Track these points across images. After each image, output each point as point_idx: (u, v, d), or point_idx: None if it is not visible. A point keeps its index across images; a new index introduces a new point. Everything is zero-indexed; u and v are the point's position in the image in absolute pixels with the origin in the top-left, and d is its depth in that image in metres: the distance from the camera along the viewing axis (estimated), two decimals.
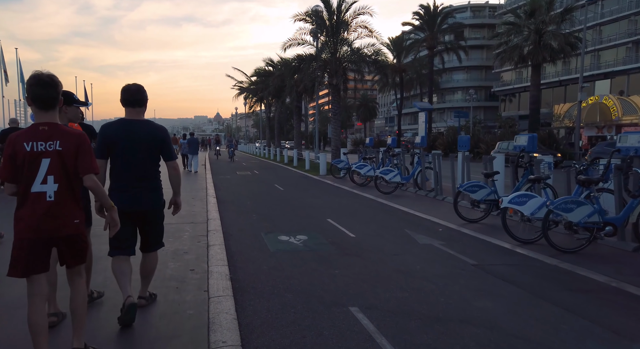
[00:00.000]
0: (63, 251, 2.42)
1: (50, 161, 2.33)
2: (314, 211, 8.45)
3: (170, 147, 3.24)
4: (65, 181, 2.37)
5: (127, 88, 3.13)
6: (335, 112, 19.12)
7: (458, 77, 67.48)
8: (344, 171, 15.40)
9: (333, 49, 18.25)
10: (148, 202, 3.17)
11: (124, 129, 3.08)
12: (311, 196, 10.77)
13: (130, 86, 3.13)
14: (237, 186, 13.09)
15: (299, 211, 8.54)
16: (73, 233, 2.40)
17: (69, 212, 2.38)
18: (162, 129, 3.23)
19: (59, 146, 2.36)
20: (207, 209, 8.42)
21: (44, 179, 2.32)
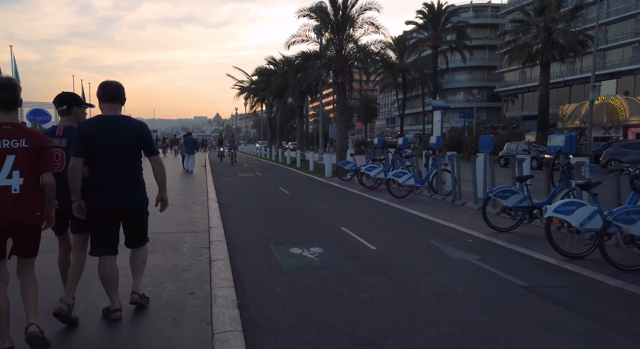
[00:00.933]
0: (19, 241, 2.59)
1: (15, 157, 2.52)
2: (325, 218, 7.75)
3: (152, 142, 3.18)
4: (31, 175, 2.58)
5: (107, 83, 3.08)
6: (340, 111, 18.43)
7: (460, 77, 66.88)
8: (350, 173, 14.70)
9: (338, 46, 17.55)
10: (131, 201, 3.09)
11: (103, 126, 2.98)
12: (319, 200, 10.07)
13: (110, 82, 3.09)
14: (240, 189, 12.39)
15: (309, 217, 7.84)
16: (33, 225, 2.62)
17: (32, 204, 2.58)
18: (141, 124, 3.16)
19: (25, 143, 2.55)
20: (209, 215, 7.72)
21: (9, 174, 2.51)
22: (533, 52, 24.84)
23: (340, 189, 12.33)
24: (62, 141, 3.15)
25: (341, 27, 17.37)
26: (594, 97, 22.07)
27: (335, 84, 18.42)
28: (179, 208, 8.43)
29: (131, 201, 3.08)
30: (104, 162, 2.99)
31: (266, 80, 30.39)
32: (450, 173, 10.02)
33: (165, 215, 7.88)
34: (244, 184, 14.00)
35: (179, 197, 9.85)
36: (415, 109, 73.23)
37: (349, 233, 6.39)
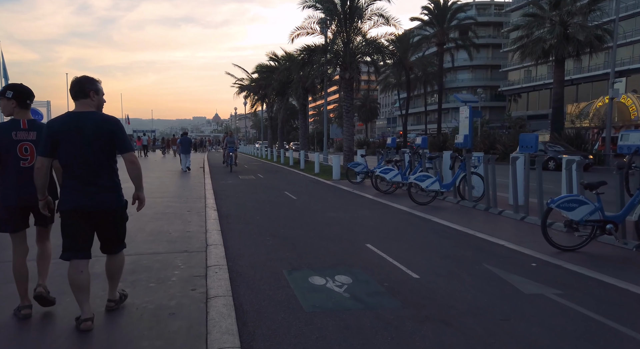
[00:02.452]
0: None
1: None
2: (343, 231, 6.56)
3: (124, 138, 2.94)
4: None
5: (72, 80, 2.93)
6: (347, 109, 17.24)
7: (463, 76, 65.81)
8: (361, 176, 13.54)
9: (346, 39, 16.37)
10: (101, 201, 2.92)
11: (70, 123, 2.84)
12: (333, 208, 8.88)
13: (75, 78, 2.93)
14: (242, 194, 11.19)
15: (325, 230, 6.64)
16: None
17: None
18: (112, 119, 2.94)
19: None
20: (207, 227, 6.53)
21: None
22: (547, 47, 23.69)
23: (353, 194, 11.13)
24: (29, 134, 3.10)
25: (349, 19, 16.18)
26: (614, 95, 20.94)
27: (342, 80, 17.25)
28: (171, 218, 7.23)
29: (101, 201, 2.90)
30: (72, 161, 2.84)
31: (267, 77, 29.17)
32: (480, 177, 8.84)
33: (154, 228, 6.72)
34: (246, 188, 12.80)
35: (173, 205, 8.66)
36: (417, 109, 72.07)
37: (378, 253, 5.20)
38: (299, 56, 17.08)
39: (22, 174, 3.05)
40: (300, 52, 17.11)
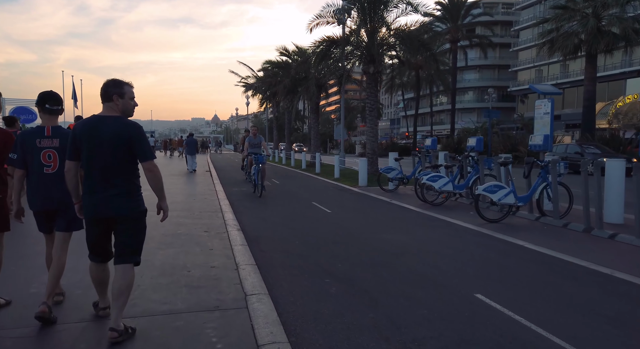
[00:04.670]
0: None
1: None
2: (424, 267, 4.84)
3: (143, 145, 2.81)
4: None
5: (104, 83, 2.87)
6: (372, 108, 15.53)
7: (469, 76, 64.22)
8: (395, 182, 11.84)
9: (371, 29, 14.66)
10: (116, 207, 2.79)
11: (90, 127, 2.79)
12: (383, 226, 7.16)
13: (106, 81, 2.88)
14: (263, 206, 9.46)
15: (398, 265, 4.91)
16: None
17: None
18: (132, 125, 2.83)
19: None
20: (236, 260, 4.81)
21: None
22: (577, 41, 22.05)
23: (395, 206, 9.41)
24: (52, 141, 3.20)
25: (375, 6, 14.47)
26: None
27: (365, 74, 15.55)
28: (187, 244, 5.51)
29: (116, 207, 2.80)
30: (90, 165, 2.80)
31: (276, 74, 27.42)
32: (565, 187, 7.15)
33: (166, 261, 4.66)
34: (266, 197, 11.07)
35: (185, 222, 6.94)
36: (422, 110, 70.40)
37: (508, 315, 3.49)
38: (317, 48, 15.39)
39: (46, 180, 3.19)
40: (319, 43, 15.41)
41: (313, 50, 15.76)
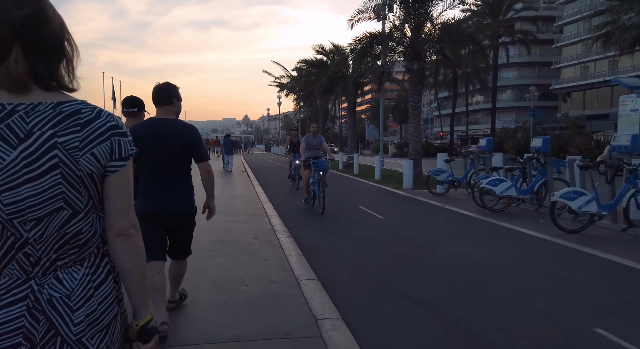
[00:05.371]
0: None
1: None
2: (514, 289, 4.17)
3: (200, 147, 2.93)
4: None
5: (155, 87, 2.94)
6: (415, 106, 14.78)
7: (507, 74, 61.69)
8: (444, 185, 11.09)
9: (416, 23, 13.92)
10: (175, 206, 2.88)
11: (151, 129, 2.83)
12: (446, 235, 6.49)
13: (157, 85, 2.94)
14: (309, 210, 8.96)
15: (479, 284, 4.27)
16: None
17: None
18: (191, 128, 2.95)
19: None
20: (295, 273, 4.31)
21: None
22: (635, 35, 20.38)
23: (452, 212, 8.69)
24: None
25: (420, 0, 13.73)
26: None
27: (408, 71, 14.82)
28: (238, 252, 5.08)
29: (174, 206, 2.87)
30: (149, 165, 2.84)
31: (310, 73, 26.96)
32: None
33: (220, 274, 4.19)
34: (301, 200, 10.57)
35: (232, 226, 6.54)
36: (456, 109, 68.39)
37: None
38: (358, 44, 14.80)
39: None
40: (359, 39, 14.81)
41: (353, 47, 15.19)
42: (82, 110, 0.98)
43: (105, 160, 0.99)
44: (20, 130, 0.92)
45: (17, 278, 0.95)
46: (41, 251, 0.96)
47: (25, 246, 0.95)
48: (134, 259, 1.07)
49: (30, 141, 0.92)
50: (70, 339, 0.97)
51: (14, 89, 0.93)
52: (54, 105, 0.96)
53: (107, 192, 1.03)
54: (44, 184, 0.93)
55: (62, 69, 0.99)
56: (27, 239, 0.94)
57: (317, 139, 9.12)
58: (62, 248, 0.98)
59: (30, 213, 0.93)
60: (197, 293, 3.71)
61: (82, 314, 0.98)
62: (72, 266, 1.00)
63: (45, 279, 0.97)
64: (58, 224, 0.96)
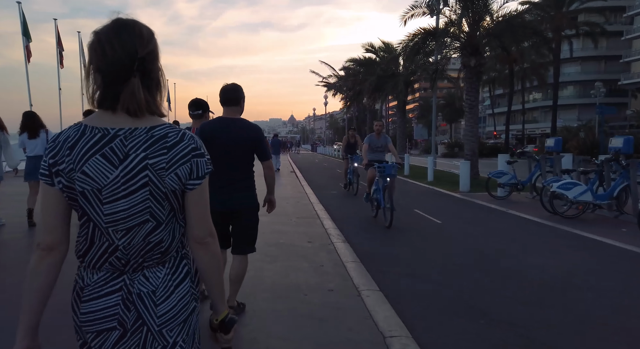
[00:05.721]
0: None
1: None
2: (607, 311, 3.65)
3: (264, 146, 3.09)
4: None
5: (222, 88, 3.05)
6: (472, 104, 14.02)
7: (569, 69, 57.64)
8: (506, 188, 10.34)
9: (475, 17, 13.17)
10: (239, 202, 3.01)
11: (222, 127, 2.97)
12: (516, 244, 5.95)
13: (225, 86, 3.06)
14: (362, 213, 8.66)
15: (563, 302, 3.78)
16: None
17: None
18: (257, 128, 3.08)
19: None
20: (355, 284, 4.04)
21: None
22: None
23: (517, 218, 8.03)
24: None
25: None
26: None
27: (464, 67, 14.07)
28: (293, 256, 4.89)
29: (238, 201, 3.00)
30: (219, 163, 2.70)
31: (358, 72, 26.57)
32: None
33: (277, 279, 4.06)
34: (359, 201, 10.29)
35: (283, 229, 6.40)
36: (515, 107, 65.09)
37: None
38: (411, 41, 14.26)
39: None
40: (412, 36, 14.27)
41: (406, 44, 14.67)
42: (169, 134, 1.12)
43: (186, 179, 1.13)
44: (120, 152, 1.08)
45: (112, 272, 1.12)
46: (129, 255, 1.11)
47: (116, 251, 1.11)
48: (211, 263, 1.20)
49: (127, 161, 1.07)
50: (154, 330, 1.11)
51: (136, 112, 1.09)
52: (147, 130, 1.10)
53: (186, 206, 1.16)
54: (135, 199, 1.09)
55: (159, 98, 1.16)
56: (118, 246, 1.11)
57: (382, 139, 7.86)
58: (147, 254, 1.13)
59: (122, 224, 1.09)
60: (255, 300, 3.56)
61: (164, 309, 1.12)
62: (155, 266, 1.14)
63: (135, 276, 1.13)
64: (143, 234, 1.11)
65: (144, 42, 1.10)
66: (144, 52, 1.09)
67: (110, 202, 1.08)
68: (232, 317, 1.24)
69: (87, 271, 1.13)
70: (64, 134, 1.11)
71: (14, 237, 5.68)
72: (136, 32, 1.10)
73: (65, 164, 1.07)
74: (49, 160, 1.09)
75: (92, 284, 1.12)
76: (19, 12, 16.86)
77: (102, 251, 1.11)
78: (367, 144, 7.78)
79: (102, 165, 1.07)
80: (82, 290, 1.12)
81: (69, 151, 1.08)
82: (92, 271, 1.13)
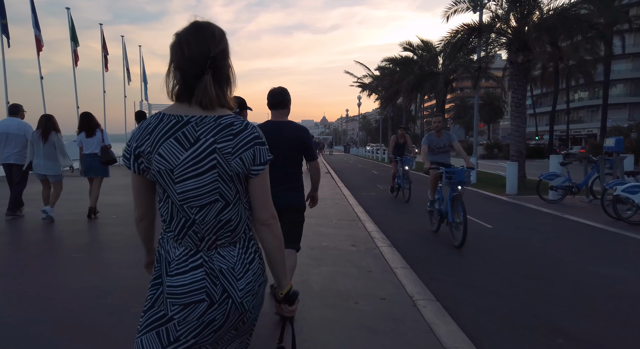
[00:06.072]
0: None
1: None
2: None
3: (312, 147, 3.18)
4: None
5: (270, 91, 3.15)
6: (519, 103, 13.30)
7: (619, 67, 54.36)
8: (559, 191, 9.68)
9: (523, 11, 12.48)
10: (288, 201, 3.09)
11: (274, 130, 3.07)
12: (579, 252, 5.45)
13: (273, 89, 3.15)
14: (405, 215, 8.33)
15: None
16: None
17: None
18: (304, 129, 3.19)
19: None
20: (408, 293, 3.76)
21: None
22: None
23: (576, 223, 7.44)
24: None
25: None
26: None
27: (511, 64, 13.38)
28: (337, 260, 4.66)
29: (287, 201, 3.06)
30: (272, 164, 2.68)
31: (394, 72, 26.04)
32: None
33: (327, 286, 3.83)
34: (393, 204, 9.93)
35: (325, 231, 6.18)
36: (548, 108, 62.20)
37: None
38: (453, 38, 13.71)
39: None
40: (454, 33, 13.71)
41: (448, 41, 14.12)
42: (234, 123, 1.23)
43: (250, 164, 1.23)
44: (191, 136, 1.19)
45: (190, 249, 1.24)
46: (204, 230, 1.23)
47: (193, 225, 1.23)
48: (275, 243, 1.32)
49: (198, 145, 1.19)
50: (237, 301, 1.24)
51: (207, 106, 1.21)
52: (215, 118, 1.22)
53: (251, 191, 1.27)
54: (204, 179, 1.20)
55: (229, 93, 1.27)
56: (194, 220, 1.23)
57: (444, 138, 6.49)
58: (219, 231, 1.24)
59: (194, 201, 1.21)
60: (304, 307, 3.35)
61: (243, 283, 1.25)
62: (228, 247, 1.27)
63: (210, 254, 1.24)
64: (215, 212, 1.23)
65: (215, 42, 1.22)
66: (216, 51, 1.21)
67: (181, 181, 1.21)
68: (295, 290, 1.40)
69: (171, 244, 1.26)
70: (147, 121, 1.26)
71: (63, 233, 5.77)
72: (209, 32, 1.22)
73: (145, 146, 1.21)
74: (134, 144, 1.23)
75: (175, 259, 1.24)
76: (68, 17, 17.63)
77: (182, 225, 1.24)
78: (425, 145, 6.47)
79: (174, 147, 1.20)
80: (169, 264, 1.24)
81: (148, 136, 1.22)
82: (174, 244, 1.26)
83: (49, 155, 6.35)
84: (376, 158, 37.95)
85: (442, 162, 6.39)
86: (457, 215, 5.58)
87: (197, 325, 1.21)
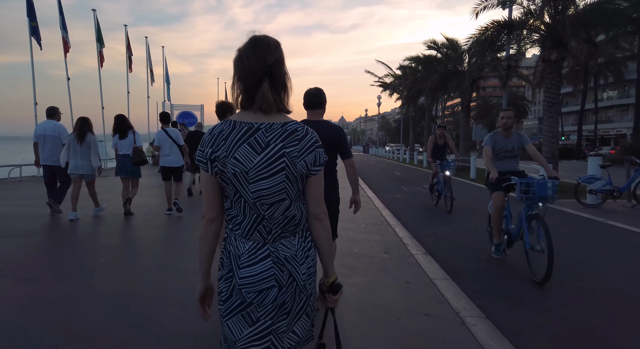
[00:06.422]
0: None
1: None
2: None
3: (347, 145, 3.27)
4: None
5: (307, 92, 3.21)
6: (552, 102, 12.73)
7: None
8: (599, 196, 9.16)
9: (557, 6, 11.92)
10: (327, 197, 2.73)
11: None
12: (632, 262, 5.03)
13: (310, 90, 3.21)
14: (435, 220, 7.98)
15: None
16: None
17: None
18: (339, 128, 3.26)
19: None
20: (454, 309, 3.46)
21: None
22: None
23: (617, 229, 6.96)
24: None
25: None
26: None
27: (545, 62, 12.82)
28: (372, 269, 4.40)
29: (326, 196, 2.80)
30: None
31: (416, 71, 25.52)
32: None
33: (364, 299, 3.54)
34: (425, 207, 9.57)
35: (355, 236, 5.94)
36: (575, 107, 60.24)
37: None
38: (482, 35, 13.23)
39: None
40: (484, 30, 13.23)
41: (476, 38, 13.64)
42: (297, 129, 1.40)
43: (311, 165, 1.40)
44: (262, 141, 1.35)
45: (258, 242, 1.40)
46: (272, 225, 1.39)
47: (262, 221, 1.38)
48: (325, 235, 1.48)
49: (268, 149, 1.35)
50: (300, 284, 1.42)
51: (266, 110, 1.36)
52: (282, 125, 1.38)
53: (308, 188, 1.44)
54: (275, 180, 1.35)
55: (286, 98, 1.42)
56: (264, 216, 1.38)
57: (514, 138, 4.93)
58: (285, 226, 1.41)
59: (265, 199, 1.36)
60: (343, 322, 3.11)
61: (305, 268, 1.44)
62: (289, 237, 1.43)
63: (275, 245, 1.41)
64: (282, 209, 1.39)
65: (271, 52, 1.35)
66: (272, 60, 1.34)
67: (255, 182, 1.34)
68: (339, 282, 1.50)
69: (239, 241, 1.39)
70: (217, 128, 1.38)
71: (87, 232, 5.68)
72: (265, 44, 1.34)
73: (221, 151, 1.33)
74: (208, 150, 1.35)
75: (245, 252, 1.37)
76: (94, 19, 17.86)
77: (253, 221, 1.37)
78: (489, 146, 4.89)
79: (248, 152, 1.33)
80: (239, 258, 1.37)
81: (224, 142, 1.34)
82: (242, 240, 1.39)
83: (84, 155, 6.74)
84: (397, 159, 37.40)
85: (511, 169, 4.91)
86: (538, 241, 4.22)
87: (272, 308, 1.37)
